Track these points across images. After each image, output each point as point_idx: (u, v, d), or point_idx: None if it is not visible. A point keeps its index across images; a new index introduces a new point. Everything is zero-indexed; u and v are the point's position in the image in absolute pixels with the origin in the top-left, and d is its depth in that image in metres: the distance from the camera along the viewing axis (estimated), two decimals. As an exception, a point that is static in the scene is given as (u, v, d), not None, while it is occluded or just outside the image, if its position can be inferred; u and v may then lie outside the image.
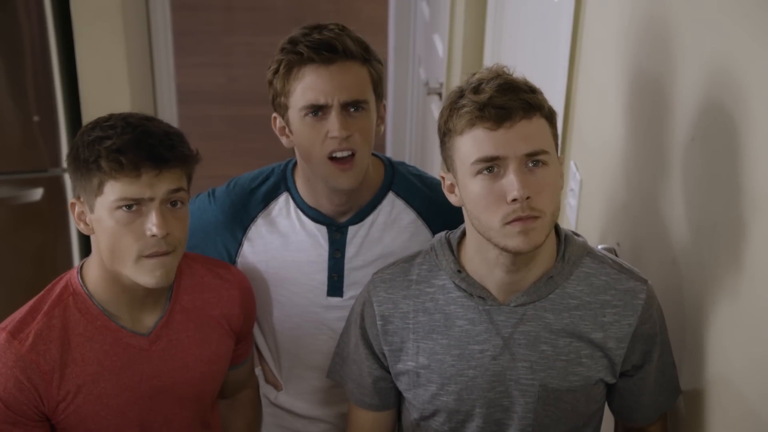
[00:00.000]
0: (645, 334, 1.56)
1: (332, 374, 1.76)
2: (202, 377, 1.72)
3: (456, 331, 1.56)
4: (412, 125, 4.53)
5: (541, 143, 1.43)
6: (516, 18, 2.79)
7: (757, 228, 1.32)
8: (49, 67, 3.11)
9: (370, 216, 1.83)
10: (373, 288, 1.63)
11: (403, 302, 1.60)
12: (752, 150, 1.32)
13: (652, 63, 1.70)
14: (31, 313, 1.61)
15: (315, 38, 1.67)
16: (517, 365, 1.55)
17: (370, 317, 1.63)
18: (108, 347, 1.62)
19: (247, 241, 1.87)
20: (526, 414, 1.57)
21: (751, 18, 1.32)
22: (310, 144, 1.71)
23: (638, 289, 1.55)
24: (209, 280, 1.74)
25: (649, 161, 1.73)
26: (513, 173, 1.41)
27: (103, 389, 1.62)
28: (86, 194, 1.56)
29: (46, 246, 3.31)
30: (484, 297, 1.54)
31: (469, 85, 1.46)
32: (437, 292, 1.58)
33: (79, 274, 1.64)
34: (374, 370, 1.66)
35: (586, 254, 1.57)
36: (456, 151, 1.46)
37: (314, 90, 1.67)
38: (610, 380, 1.59)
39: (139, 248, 1.54)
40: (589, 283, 1.55)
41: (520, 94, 1.43)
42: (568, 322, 1.54)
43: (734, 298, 1.40)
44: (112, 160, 1.50)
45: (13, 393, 1.57)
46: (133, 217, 1.53)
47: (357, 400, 1.71)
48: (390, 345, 1.61)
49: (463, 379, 1.57)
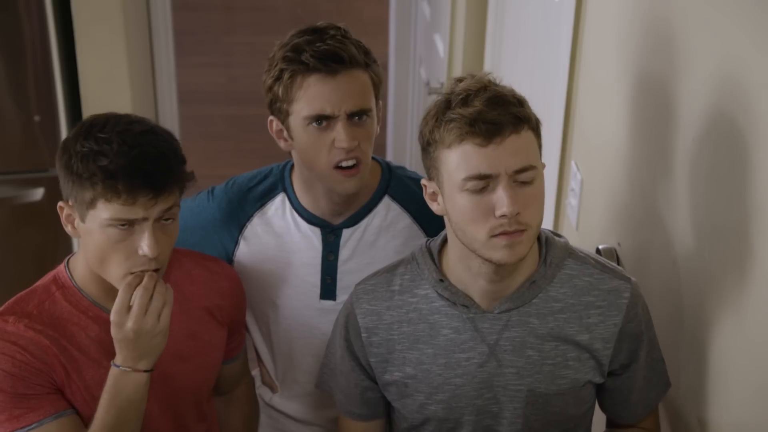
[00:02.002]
0: (631, 332, 1.56)
1: (321, 384, 1.76)
2: (196, 368, 1.72)
3: (441, 340, 1.56)
4: (413, 125, 4.53)
5: (529, 158, 1.43)
6: (517, 18, 2.79)
7: (758, 228, 1.32)
8: (50, 67, 3.11)
9: (365, 219, 1.83)
10: (356, 300, 1.63)
11: (387, 313, 1.59)
12: (754, 150, 1.32)
13: (652, 62, 1.70)
14: (18, 302, 1.60)
15: (321, 48, 1.65)
16: (504, 371, 1.54)
17: (354, 329, 1.62)
18: (104, 335, 1.61)
19: (243, 240, 1.87)
20: (516, 419, 1.57)
21: (753, 18, 1.32)
22: (314, 153, 1.70)
23: (622, 288, 1.55)
24: (197, 273, 1.75)
25: (650, 161, 1.73)
26: (503, 190, 1.40)
27: (102, 377, 1.61)
28: (77, 203, 1.54)
29: (47, 245, 3.32)
30: (467, 305, 1.53)
31: (457, 96, 1.44)
32: (420, 301, 1.57)
33: (67, 269, 1.64)
34: (361, 381, 1.65)
35: (568, 256, 1.57)
36: (443, 163, 1.46)
37: (320, 100, 1.66)
38: (599, 380, 1.59)
39: (128, 266, 1.54)
40: (572, 284, 1.55)
41: (509, 107, 1.42)
42: (553, 325, 1.53)
43: (735, 299, 1.40)
44: (107, 186, 1.48)
45: (21, 365, 1.54)
46: (125, 235, 1.52)
47: (346, 411, 1.71)
48: (376, 357, 1.61)
49: (450, 387, 1.57)
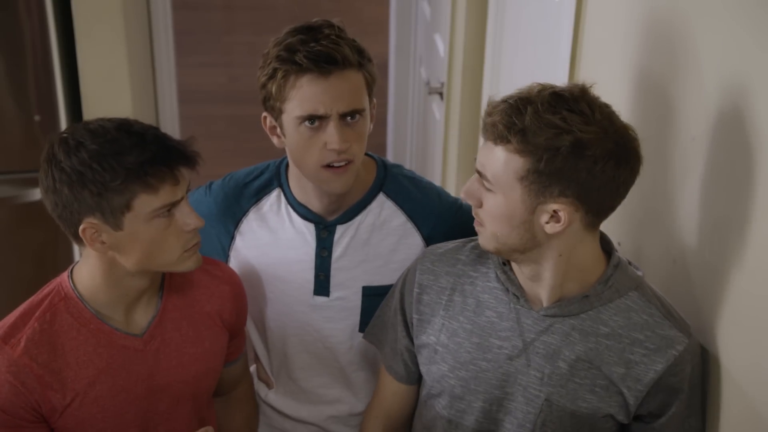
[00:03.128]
0: (670, 386, 1.50)
1: (369, 336, 1.80)
2: (197, 374, 1.72)
3: (482, 319, 1.58)
4: (413, 125, 4.53)
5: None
6: (517, 17, 2.79)
7: (758, 227, 1.32)
8: (51, 67, 3.11)
9: (358, 216, 1.83)
10: (422, 257, 1.68)
11: (444, 277, 1.63)
12: (754, 149, 1.32)
13: (653, 62, 1.70)
14: (21, 318, 1.59)
15: (314, 49, 1.65)
16: (530, 372, 1.54)
17: (410, 283, 1.67)
18: (102, 350, 1.61)
19: (239, 235, 1.88)
20: (525, 423, 1.56)
21: (754, 18, 1.32)
22: (305, 152, 1.71)
23: (678, 340, 1.49)
24: (199, 278, 1.74)
25: (651, 160, 1.72)
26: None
27: (100, 392, 1.62)
28: (104, 214, 1.51)
29: (47, 245, 3.31)
30: (518, 296, 1.55)
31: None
32: (479, 278, 1.61)
33: (70, 279, 1.63)
34: (403, 337, 1.70)
35: (635, 288, 1.53)
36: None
37: (312, 101, 1.66)
38: (622, 419, 1.54)
39: (182, 244, 1.58)
40: (628, 317, 1.51)
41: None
42: (593, 347, 1.51)
43: (736, 297, 1.40)
44: (151, 174, 1.49)
45: (8, 397, 1.56)
46: (169, 221, 1.55)
47: (388, 366, 1.76)
48: (420, 314, 1.65)
49: (474, 368, 1.58)
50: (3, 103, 3.12)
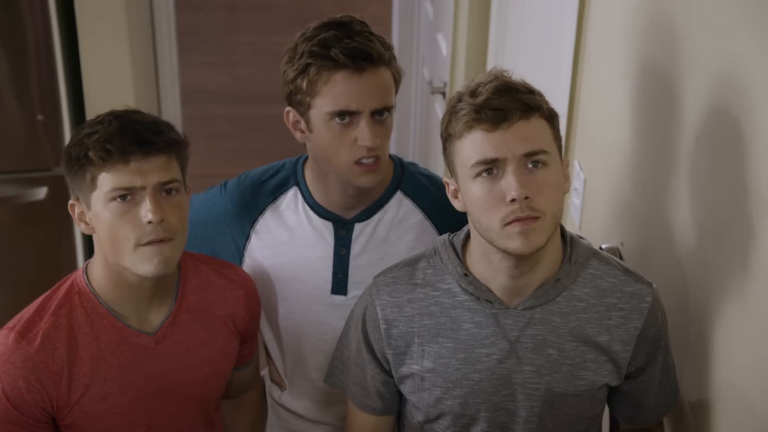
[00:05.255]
0: (650, 336, 1.56)
1: (331, 379, 1.75)
2: (206, 377, 1.72)
3: (462, 334, 1.56)
4: (416, 125, 4.53)
5: (539, 143, 1.43)
6: (520, 17, 2.79)
7: (762, 228, 1.32)
8: (53, 66, 3.11)
9: (377, 214, 1.83)
10: (376, 292, 1.62)
11: (408, 306, 1.59)
12: (757, 150, 1.32)
13: (656, 62, 1.70)
14: (38, 312, 1.61)
15: (350, 45, 1.65)
16: (523, 369, 1.54)
17: (373, 321, 1.62)
18: (114, 346, 1.62)
19: (255, 234, 1.87)
20: (531, 417, 1.57)
21: (755, 17, 1.32)
22: (335, 148, 1.70)
23: (644, 293, 1.55)
24: (215, 281, 1.74)
25: (654, 160, 1.72)
26: (511, 174, 1.41)
27: (110, 388, 1.62)
28: (82, 192, 1.58)
29: (50, 245, 3.31)
30: (491, 300, 1.54)
31: (468, 89, 1.46)
32: (442, 295, 1.57)
33: (85, 274, 1.65)
34: (377, 374, 1.65)
35: (593, 256, 1.57)
36: (456, 155, 1.47)
37: (345, 97, 1.66)
38: (615, 383, 1.58)
39: (136, 237, 1.55)
40: (596, 285, 1.55)
41: (517, 95, 1.43)
42: (574, 325, 1.53)
43: (739, 299, 1.40)
44: (99, 149, 1.53)
45: (21, 393, 1.57)
46: (128, 207, 1.55)
47: (360, 404, 1.70)
48: (394, 349, 1.61)
49: (468, 383, 1.57)
50: (6, 103, 3.12)
